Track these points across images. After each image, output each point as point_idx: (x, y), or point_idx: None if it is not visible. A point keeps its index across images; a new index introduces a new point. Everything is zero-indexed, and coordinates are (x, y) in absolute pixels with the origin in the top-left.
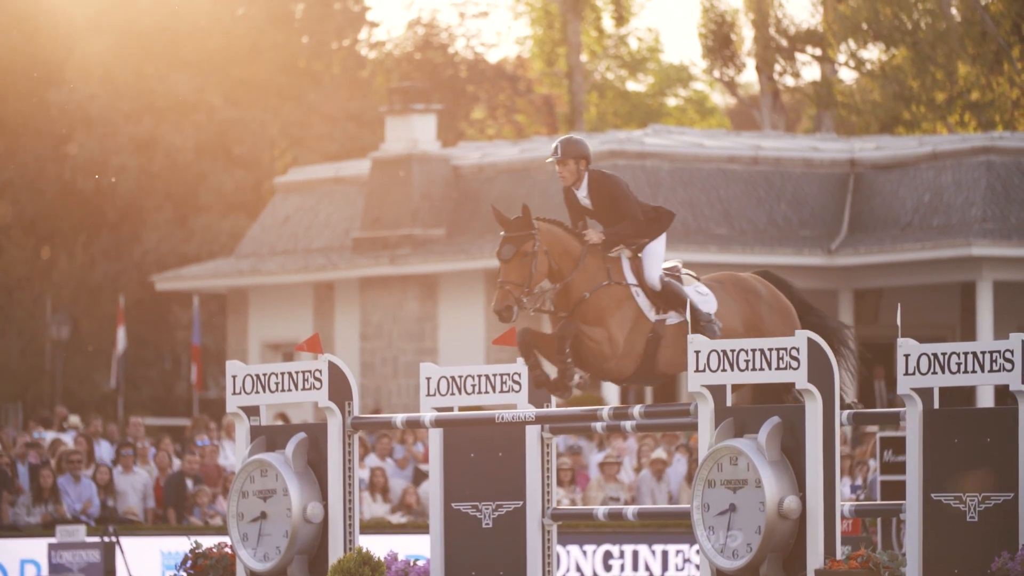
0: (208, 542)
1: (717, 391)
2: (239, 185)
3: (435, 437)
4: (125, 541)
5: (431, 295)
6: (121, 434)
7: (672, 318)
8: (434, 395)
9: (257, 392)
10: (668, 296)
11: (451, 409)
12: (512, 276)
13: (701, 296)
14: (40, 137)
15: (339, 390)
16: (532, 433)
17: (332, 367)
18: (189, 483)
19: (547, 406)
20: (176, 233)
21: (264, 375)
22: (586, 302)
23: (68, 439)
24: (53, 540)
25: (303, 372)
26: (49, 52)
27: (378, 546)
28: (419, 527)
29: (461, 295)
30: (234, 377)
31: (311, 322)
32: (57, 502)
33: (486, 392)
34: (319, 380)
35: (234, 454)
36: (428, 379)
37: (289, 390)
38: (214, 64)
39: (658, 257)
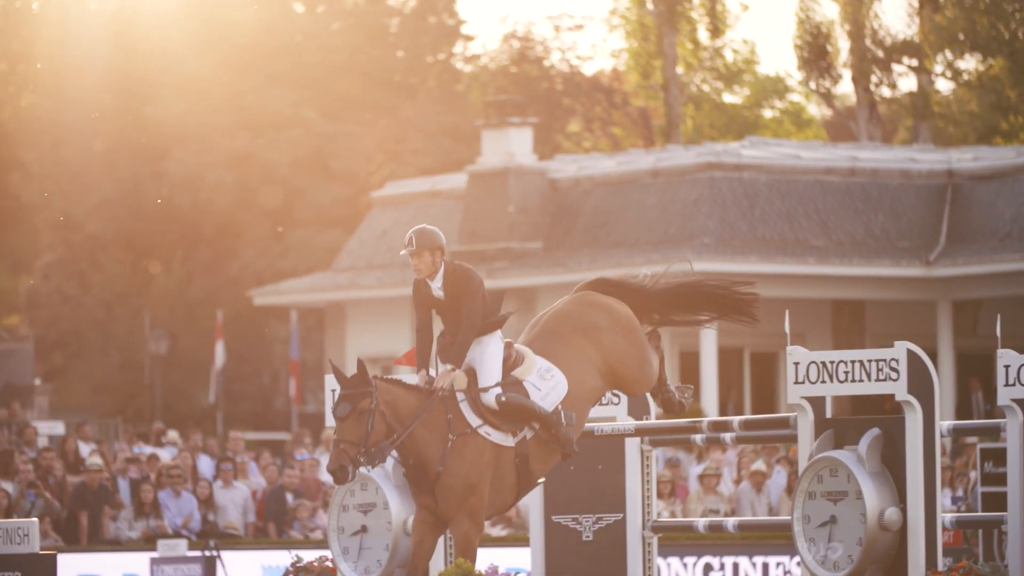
0: (308, 556)
1: (816, 403)
2: (336, 199)
3: None
4: (226, 555)
5: (528, 308)
6: (221, 449)
7: (529, 431)
8: None
9: None
10: (511, 414)
11: None
12: (348, 435)
13: (546, 383)
14: (137, 153)
15: None
16: (632, 445)
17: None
18: (289, 497)
19: (646, 418)
20: (273, 248)
21: None
22: (443, 477)
23: (166, 454)
24: (155, 554)
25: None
26: (145, 69)
27: (479, 559)
28: (519, 540)
29: None
30: (333, 391)
31: (409, 336)
32: (158, 516)
33: None
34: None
35: None
36: None
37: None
38: (310, 79)
39: (492, 368)
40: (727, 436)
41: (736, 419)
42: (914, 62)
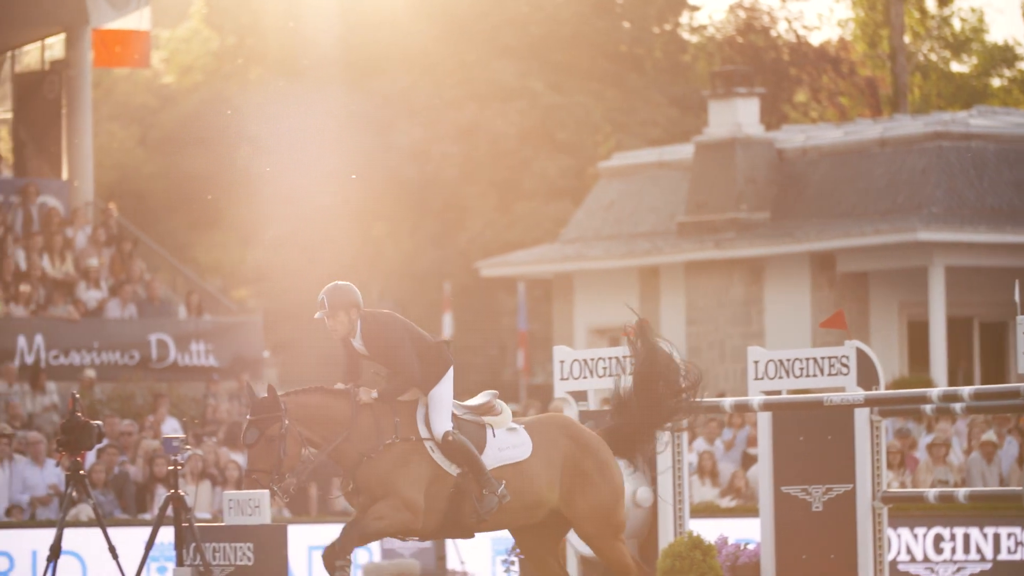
0: None
1: None
2: (563, 171)
3: (764, 421)
4: None
5: (757, 279)
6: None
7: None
8: (762, 379)
9: (585, 377)
10: (452, 453)
11: (779, 392)
12: (259, 463)
13: (514, 441)
14: (363, 126)
15: None
16: (861, 416)
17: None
18: None
19: (875, 388)
20: (500, 219)
21: (592, 360)
22: (367, 465)
23: None
24: None
25: (630, 357)
26: (372, 42)
27: (707, 530)
28: (748, 511)
29: (787, 278)
30: (561, 362)
31: (637, 307)
32: None
33: (814, 375)
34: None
35: None
36: (756, 363)
37: (617, 375)
38: (536, 50)
39: (442, 404)
40: (957, 406)
41: (966, 390)
42: None
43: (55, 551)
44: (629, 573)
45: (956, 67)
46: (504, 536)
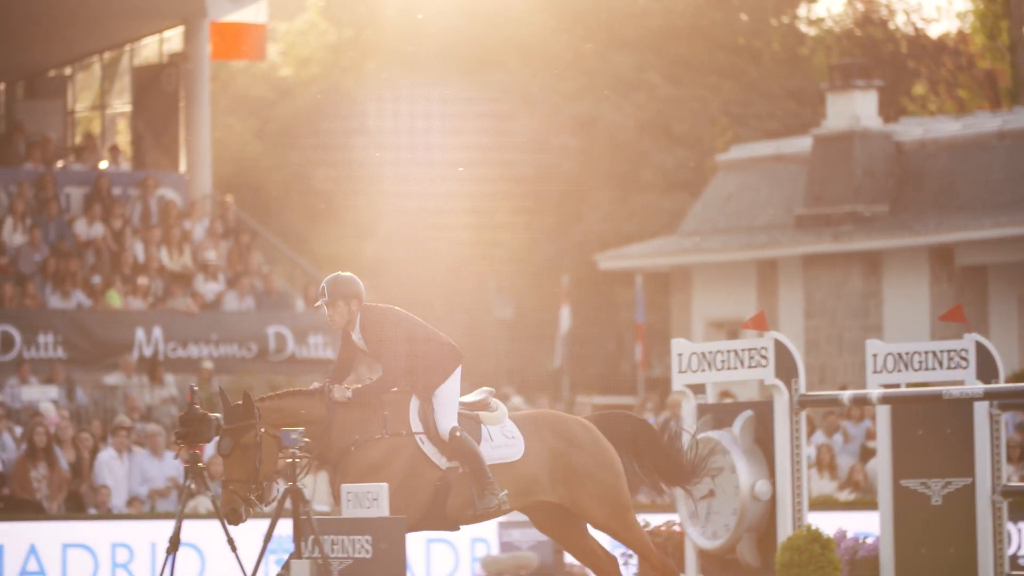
0: (655, 520)
1: None
2: (680, 163)
3: (882, 414)
4: None
5: (875, 272)
6: (567, 413)
7: (464, 467)
8: (880, 372)
9: (703, 370)
10: (455, 449)
11: (898, 386)
12: (234, 473)
13: (507, 439)
14: (480, 118)
15: (785, 368)
16: (980, 409)
17: (778, 345)
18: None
19: (994, 382)
20: (618, 212)
21: (710, 353)
22: (351, 456)
23: None
24: (503, 518)
25: (749, 350)
26: (489, 33)
27: (826, 523)
28: (867, 504)
29: (905, 271)
30: (680, 355)
31: (755, 300)
32: None
33: (933, 368)
34: (765, 358)
35: None
36: (874, 356)
37: (735, 368)
38: (654, 42)
39: (449, 403)
40: None
41: None
42: None
43: (174, 543)
44: (650, 555)
45: None
46: None
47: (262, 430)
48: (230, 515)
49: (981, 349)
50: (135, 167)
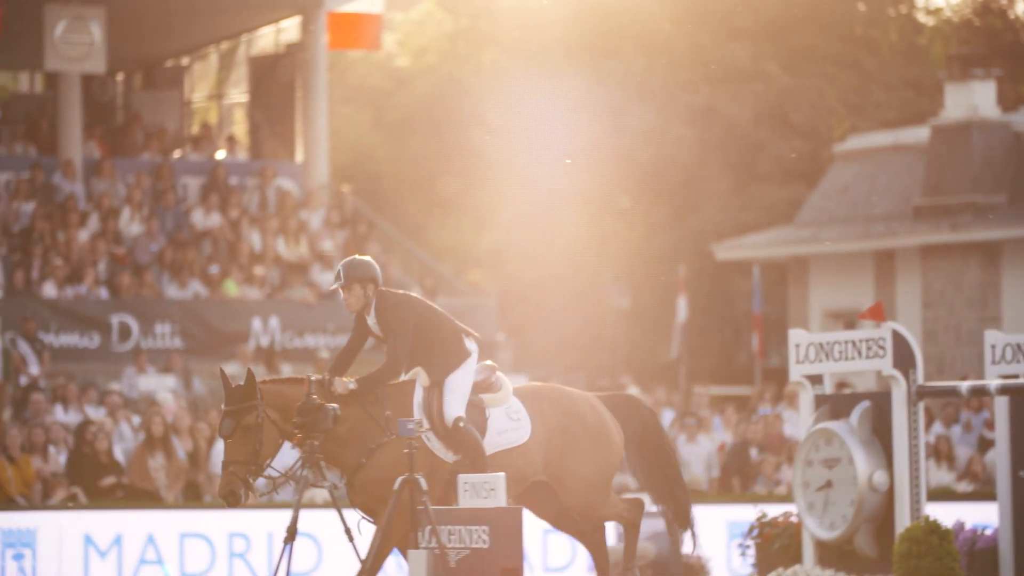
0: (772, 511)
1: None
2: (797, 153)
3: (1001, 405)
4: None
5: (993, 262)
6: (683, 403)
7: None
8: (999, 363)
9: (820, 360)
10: (460, 443)
11: (1017, 376)
12: (235, 455)
13: (512, 422)
14: (597, 108)
15: (903, 358)
16: None
17: (896, 335)
18: (753, 452)
19: None
20: (735, 202)
21: (827, 343)
22: (364, 470)
23: None
24: None
25: (866, 340)
26: (606, 23)
27: (944, 515)
28: (985, 495)
29: None
30: (797, 346)
31: (872, 290)
32: (622, 471)
33: None
34: (882, 348)
35: (797, 423)
36: (993, 347)
37: (853, 358)
38: (771, 32)
39: (458, 391)
40: None
41: None
42: None
43: (291, 533)
44: (602, 549)
45: None
46: (740, 519)
47: (263, 412)
48: (228, 497)
49: None
50: (252, 157)
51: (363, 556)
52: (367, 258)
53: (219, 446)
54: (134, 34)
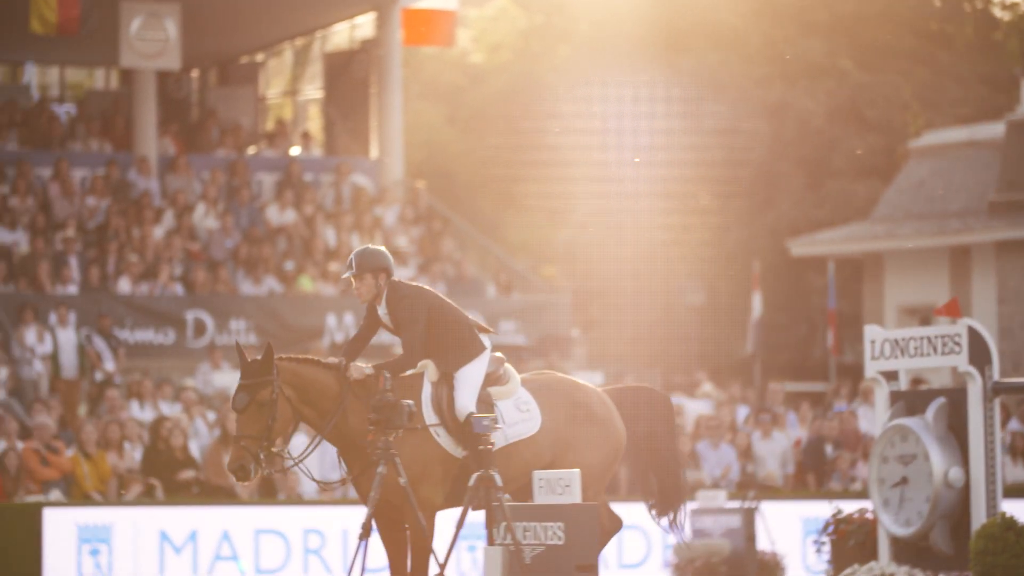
0: (848, 507)
1: None
2: (872, 149)
3: None
4: (765, 506)
5: None
6: (758, 400)
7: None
8: None
9: (896, 357)
10: (468, 435)
11: None
12: (247, 429)
13: (521, 414)
14: (671, 103)
15: (979, 355)
16: None
17: (971, 332)
18: (828, 448)
19: None
20: (809, 198)
21: (903, 340)
22: (377, 471)
23: (701, 406)
24: (694, 505)
25: (942, 337)
26: (680, 19)
27: (1020, 511)
28: None
29: None
30: (872, 342)
31: (947, 286)
32: (697, 467)
33: None
34: (958, 345)
35: (872, 419)
36: None
37: (928, 355)
38: (845, 28)
39: (470, 385)
40: None
41: None
42: None
43: (367, 530)
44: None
45: None
46: (815, 516)
47: (278, 387)
48: (238, 472)
49: None
50: (326, 153)
51: (438, 553)
52: (381, 248)
53: (294, 442)
54: (209, 30)
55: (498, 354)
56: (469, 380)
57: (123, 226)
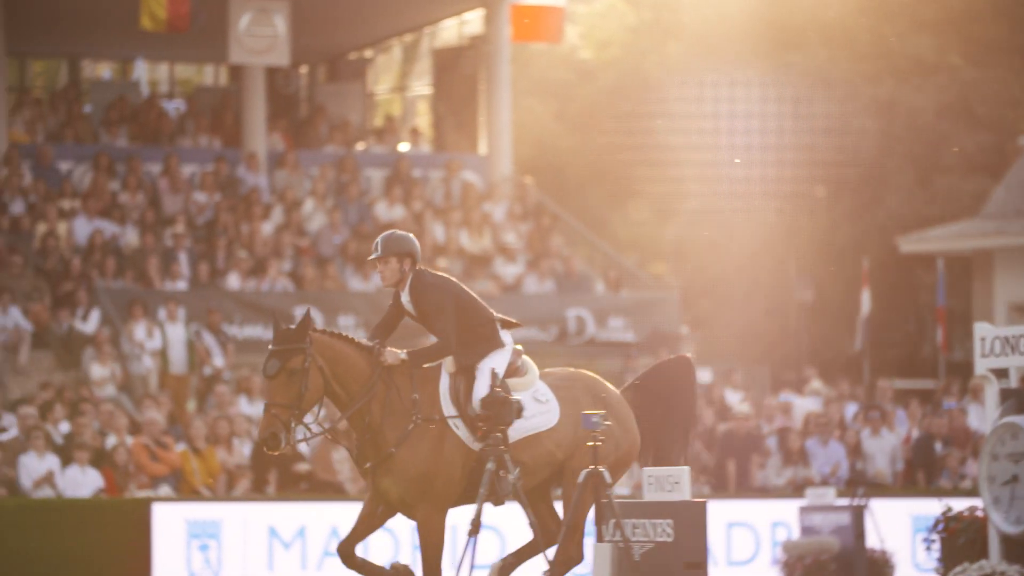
0: (958, 505)
1: None
2: (982, 146)
3: None
4: (874, 503)
5: None
6: (868, 396)
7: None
8: None
9: (1006, 354)
10: (492, 406)
11: None
12: (278, 397)
13: (539, 405)
14: (780, 100)
15: None
16: None
17: None
18: (938, 445)
19: None
20: (919, 195)
21: (1013, 337)
22: (394, 459)
23: (810, 403)
24: (803, 503)
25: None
26: (790, 15)
27: None
28: None
29: None
30: (982, 339)
31: None
32: (806, 465)
33: None
34: None
35: (982, 416)
36: None
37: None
38: (955, 24)
39: (492, 377)
40: None
41: None
42: None
43: (475, 526)
44: (577, 534)
45: None
46: (925, 513)
47: (311, 356)
48: (269, 440)
49: None
50: (435, 149)
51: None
52: (408, 234)
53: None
54: (317, 27)
55: (517, 346)
56: (488, 373)
57: (232, 222)
